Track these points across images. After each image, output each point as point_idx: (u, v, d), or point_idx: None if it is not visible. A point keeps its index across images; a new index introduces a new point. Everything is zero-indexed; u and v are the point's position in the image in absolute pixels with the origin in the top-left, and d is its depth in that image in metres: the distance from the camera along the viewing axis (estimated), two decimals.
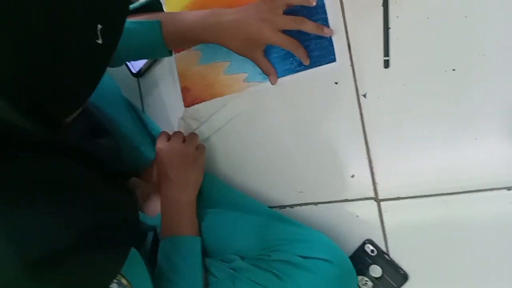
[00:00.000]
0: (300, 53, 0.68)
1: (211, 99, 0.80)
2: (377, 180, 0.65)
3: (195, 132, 0.79)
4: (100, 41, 0.40)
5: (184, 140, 0.74)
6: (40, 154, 0.45)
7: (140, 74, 0.86)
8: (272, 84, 0.73)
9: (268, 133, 0.74)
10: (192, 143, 0.74)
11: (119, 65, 0.77)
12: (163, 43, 0.70)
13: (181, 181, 0.70)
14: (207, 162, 0.79)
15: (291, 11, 0.68)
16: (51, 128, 0.42)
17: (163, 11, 0.76)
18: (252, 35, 0.67)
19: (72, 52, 0.38)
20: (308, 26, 0.66)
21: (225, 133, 0.79)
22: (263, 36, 0.66)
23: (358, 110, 0.65)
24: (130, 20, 0.68)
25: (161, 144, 0.73)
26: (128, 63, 0.87)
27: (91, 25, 0.39)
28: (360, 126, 0.65)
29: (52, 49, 0.37)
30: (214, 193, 0.76)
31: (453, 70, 0.59)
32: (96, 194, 0.50)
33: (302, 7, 0.68)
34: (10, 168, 0.41)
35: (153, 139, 0.86)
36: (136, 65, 0.86)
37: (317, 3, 0.67)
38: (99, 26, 0.40)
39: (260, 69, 0.73)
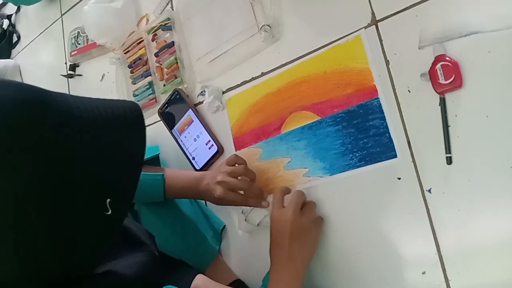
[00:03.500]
0: (252, 204, 0.79)
1: (271, 194, 0.83)
2: (450, 276, 0.64)
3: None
4: (109, 212, 0.43)
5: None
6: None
7: (202, 170, 0.91)
8: (264, 207, 0.79)
9: (328, 228, 0.75)
10: (308, 215, 0.72)
11: None
12: (163, 194, 0.80)
13: (292, 253, 0.68)
14: None
15: (348, 119, 0.74)
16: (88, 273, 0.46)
17: (160, 166, 0.89)
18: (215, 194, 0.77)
19: (81, 230, 0.42)
20: (250, 202, 0.78)
21: None
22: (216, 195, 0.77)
23: (424, 205, 0.66)
24: None
25: (276, 211, 0.72)
26: (192, 160, 0.93)
27: (98, 201, 0.42)
28: (428, 222, 0.65)
29: (65, 231, 0.40)
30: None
31: None
32: None
33: (359, 107, 0.73)
34: None
35: (215, 232, 0.89)
36: (200, 162, 0.92)
37: (374, 103, 0.71)
38: (108, 200, 0.43)
39: (239, 205, 0.79)
